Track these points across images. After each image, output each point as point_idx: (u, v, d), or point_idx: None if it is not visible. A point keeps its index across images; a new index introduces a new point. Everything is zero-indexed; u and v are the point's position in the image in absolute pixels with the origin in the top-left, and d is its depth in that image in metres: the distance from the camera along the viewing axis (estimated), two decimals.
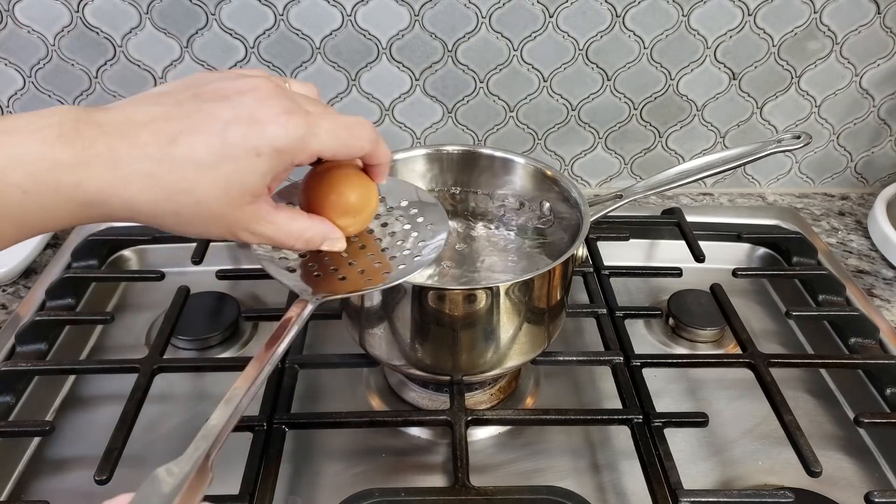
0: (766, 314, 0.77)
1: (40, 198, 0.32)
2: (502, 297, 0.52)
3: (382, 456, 0.59)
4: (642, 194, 0.62)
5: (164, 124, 0.34)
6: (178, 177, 0.34)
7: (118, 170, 0.33)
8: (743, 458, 0.60)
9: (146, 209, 0.34)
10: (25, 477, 0.58)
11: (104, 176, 0.33)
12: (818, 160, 0.92)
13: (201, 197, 0.35)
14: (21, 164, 0.32)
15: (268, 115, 0.35)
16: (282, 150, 0.36)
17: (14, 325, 0.66)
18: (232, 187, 0.35)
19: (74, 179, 0.33)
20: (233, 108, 0.35)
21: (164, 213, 0.35)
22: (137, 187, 0.34)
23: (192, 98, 0.36)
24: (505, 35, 0.80)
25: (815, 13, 0.80)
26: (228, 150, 0.35)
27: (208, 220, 0.36)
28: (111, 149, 0.33)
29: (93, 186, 0.33)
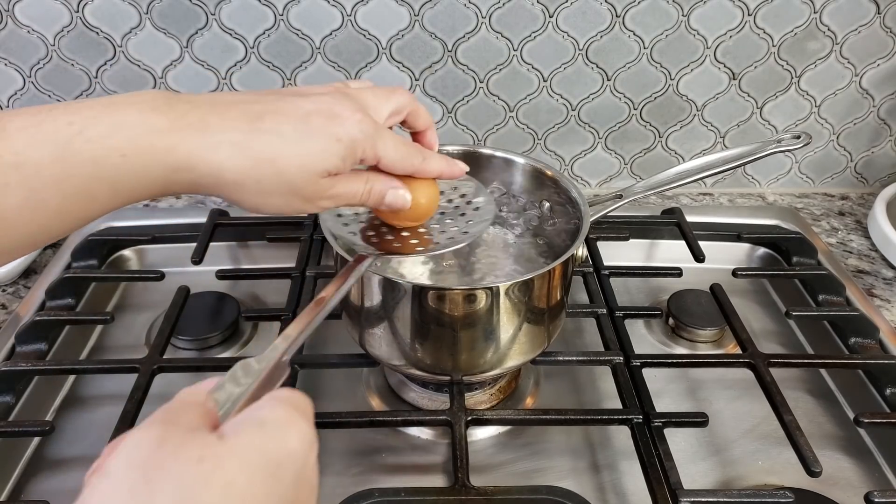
0: (766, 314, 0.77)
1: (136, 160, 0.35)
2: (502, 297, 0.52)
3: (382, 456, 0.59)
4: (642, 194, 0.62)
5: (251, 105, 0.38)
6: (264, 146, 0.37)
7: (208, 136, 0.36)
8: (743, 458, 0.60)
9: (231, 176, 0.36)
10: (25, 477, 0.58)
11: (194, 140, 0.35)
12: (818, 160, 0.92)
13: (283, 167, 0.37)
14: (120, 130, 0.34)
15: (345, 112, 0.39)
16: (356, 141, 0.39)
17: (14, 325, 0.66)
18: (313, 163, 0.38)
19: (168, 143, 0.35)
20: (313, 103, 0.39)
21: (246, 181, 0.37)
22: (225, 153, 0.36)
23: (273, 94, 0.40)
24: (505, 35, 0.80)
25: (815, 13, 0.80)
26: (311, 131, 0.38)
27: (287, 192, 0.38)
28: (202, 119, 0.36)
29: (183, 151, 0.35)
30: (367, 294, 0.54)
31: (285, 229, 0.78)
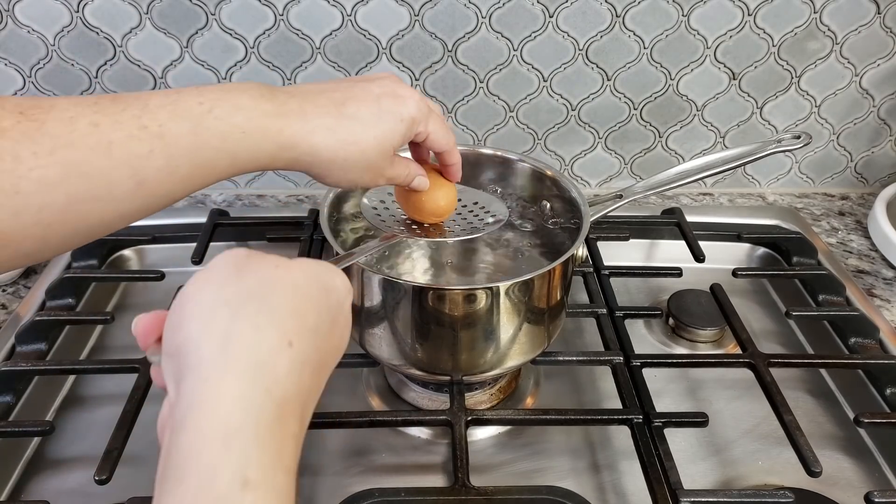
0: (766, 314, 0.77)
1: (253, 137, 0.41)
2: (502, 297, 0.52)
3: (382, 456, 0.59)
4: (642, 194, 0.62)
5: (334, 94, 0.45)
6: (349, 130, 0.44)
7: (307, 122, 0.43)
8: (743, 458, 0.60)
9: (324, 154, 0.43)
10: (25, 477, 0.58)
11: (297, 125, 0.42)
12: (818, 160, 0.92)
13: (364, 147, 0.45)
14: (240, 111, 0.40)
15: (405, 92, 0.47)
16: (415, 119, 0.46)
17: (14, 325, 0.66)
18: (384, 141, 0.45)
19: (277, 125, 0.41)
20: (380, 87, 0.46)
21: (336, 159, 0.44)
22: (321, 136, 0.43)
23: (346, 81, 0.47)
24: (505, 35, 0.80)
25: (815, 13, 0.80)
26: (382, 113, 0.45)
27: (364, 168, 0.46)
28: (301, 107, 0.43)
29: (289, 132, 0.42)
30: (367, 294, 0.54)
31: (285, 229, 0.78)
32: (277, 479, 0.29)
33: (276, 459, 0.30)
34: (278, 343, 0.32)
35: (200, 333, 0.32)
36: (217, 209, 0.80)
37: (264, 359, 0.31)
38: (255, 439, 0.29)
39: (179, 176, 0.40)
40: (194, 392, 0.30)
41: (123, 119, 0.37)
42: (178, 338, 0.32)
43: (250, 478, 0.28)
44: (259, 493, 0.28)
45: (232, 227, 0.79)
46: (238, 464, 0.28)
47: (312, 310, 0.35)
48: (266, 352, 0.32)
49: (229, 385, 0.30)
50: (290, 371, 0.32)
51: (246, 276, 0.34)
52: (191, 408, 0.30)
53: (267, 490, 0.28)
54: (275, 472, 0.29)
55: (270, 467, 0.29)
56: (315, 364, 0.35)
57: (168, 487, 0.28)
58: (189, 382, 0.30)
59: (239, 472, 0.28)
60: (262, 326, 0.32)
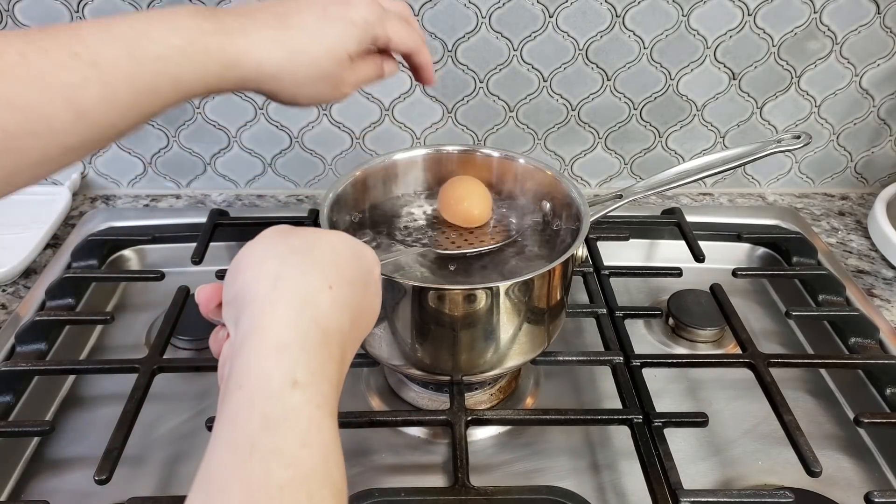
0: (766, 314, 0.77)
1: (194, 58, 0.40)
2: (502, 297, 0.52)
3: (382, 456, 0.59)
4: (642, 194, 0.62)
5: (278, 8, 0.44)
6: (294, 40, 0.43)
7: (249, 36, 0.42)
8: (743, 458, 0.60)
9: (270, 69, 0.43)
10: (25, 477, 0.58)
11: (240, 41, 0.42)
12: (818, 160, 0.92)
13: (313, 56, 0.44)
14: (179, 31, 0.40)
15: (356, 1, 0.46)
16: (369, 22, 0.46)
17: (14, 325, 0.66)
18: (335, 47, 0.45)
19: (219, 43, 0.41)
20: None
21: (283, 73, 0.44)
22: (265, 49, 0.42)
23: None
24: (505, 35, 0.80)
25: (815, 13, 0.80)
26: (329, 20, 0.45)
27: (319, 78, 0.45)
28: (240, 23, 0.42)
29: (232, 49, 0.41)
30: None
31: None
32: (322, 386, 0.33)
33: (321, 370, 0.34)
34: (320, 285, 0.37)
35: (255, 278, 0.36)
36: (217, 209, 0.80)
37: (309, 296, 0.36)
38: (302, 351, 0.33)
39: (120, 104, 0.39)
40: (251, 321, 0.34)
41: (53, 48, 0.36)
42: (235, 286, 0.37)
43: (299, 380, 0.32)
44: (306, 392, 0.32)
45: (232, 227, 0.79)
46: (288, 369, 0.32)
47: (348, 266, 0.39)
48: (310, 290, 0.36)
49: (280, 312, 0.34)
50: (332, 308, 0.36)
51: (291, 238, 0.39)
52: (248, 334, 0.34)
53: (313, 391, 0.33)
54: (320, 378, 0.33)
55: (316, 374, 0.33)
56: (352, 312, 0.38)
57: (229, 395, 0.32)
58: (246, 316, 0.35)
59: (289, 375, 0.32)
60: (306, 272, 0.37)
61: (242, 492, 0.29)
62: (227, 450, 0.30)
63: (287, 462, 0.30)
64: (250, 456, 0.30)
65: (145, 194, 0.90)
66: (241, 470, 0.29)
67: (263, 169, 0.89)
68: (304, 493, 0.29)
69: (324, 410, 0.33)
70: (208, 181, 0.90)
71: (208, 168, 0.89)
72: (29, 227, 0.79)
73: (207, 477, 0.30)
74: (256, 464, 0.29)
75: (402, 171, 0.65)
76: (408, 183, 0.66)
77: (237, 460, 0.30)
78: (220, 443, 0.31)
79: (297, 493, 0.29)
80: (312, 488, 0.30)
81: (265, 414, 0.31)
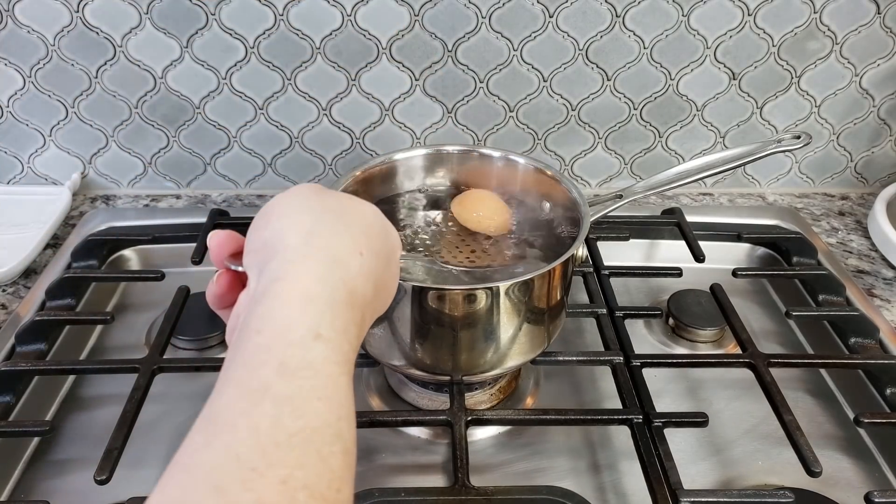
0: (766, 314, 0.77)
1: None
2: (502, 297, 0.52)
3: (382, 456, 0.59)
4: (642, 194, 0.62)
5: None
6: None
7: None
8: (743, 458, 0.60)
9: None
10: (25, 477, 0.58)
11: None
12: (818, 160, 0.92)
13: None
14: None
15: None
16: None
17: (14, 325, 0.66)
18: None
19: None
20: None
21: None
22: None
23: None
24: (505, 35, 0.80)
25: (815, 13, 0.80)
26: None
27: None
28: None
29: None
30: None
31: None
32: (343, 345, 0.33)
33: (344, 330, 0.33)
34: (352, 249, 0.37)
35: (288, 228, 0.36)
36: (217, 209, 0.80)
37: (340, 256, 0.36)
38: (329, 308, 0.33)
39: None
40: (279, 269, 0.34)
41: None
42: (265, 233, 0.37)
43: (322, 334, 0.32)
44: (328, 347, 0.32)
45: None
46: (312, 322, 0.32)
47: (377, 238, 0.40)
48: (342, 252, 0.36)
49: (310, 266, 0.34)
50: (360, 273, 0.36)
51: (325, 196, 0.39)
52: (274, 280, 0.33)
53: (335, 348, 0.32)
54: (342, 338, 0.33)
55: (340, 332, 0.33)
56: (375, 283, 0.38)
57: (245, 340, 0.31)
58: (274, 263, 0.34)
59: (313, 328, 0.32)
60: (339, 233, 0.37)
61: (249, 434, 0.27)
62: (238, 391, 0.29)
63: (300, 412, 0.28)
64: (262, 400, 0.28)
65: (145, 194, 0.90)
66: (251, 412, 0.28)
67: (263, 169, 0.89)
68: (313, 447, 0.28)
69: (343, 369, 0.32)
70: (208, 181, 0.90)
71: (208, 168, 0.89)
72: (29, 227, 0.79)
73: (213, 415, 0.29)
74: (268, 408, 0.28)
75: (403, 171, 0.65)
76: (408, 183, 0.66)
77: (247, 402, 0.28)
78: (231, 384, 0.30)
79: (305, 444, 0.28)
80: (322, 443, 0.28)
81: (283, 361, 0.30)
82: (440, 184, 0.66)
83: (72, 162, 0.87)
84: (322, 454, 0.28)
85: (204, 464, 0.27)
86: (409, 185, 0.66)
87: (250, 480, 0.26)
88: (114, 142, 0.86)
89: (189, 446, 0.28)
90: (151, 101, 0.83)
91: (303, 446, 0.28)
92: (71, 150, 0.87)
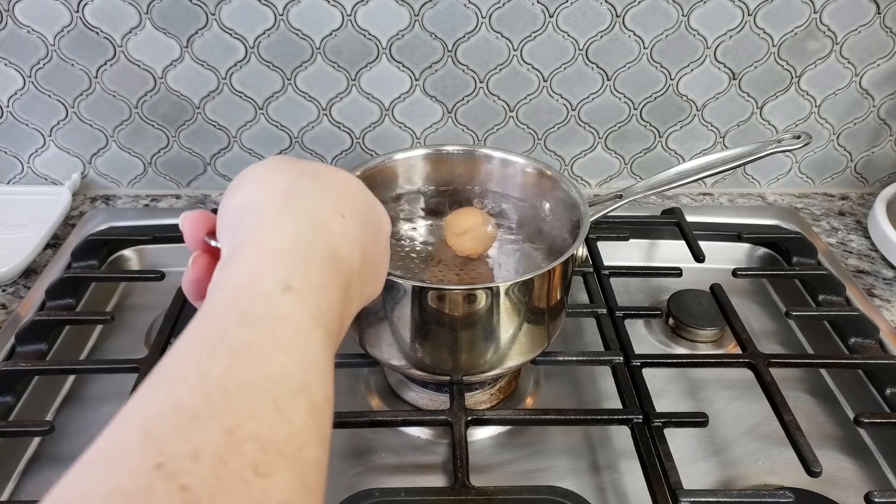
0: (766, 314, 0.77)
1: None
2: (502, 297, 0.52)
3: (382, 456, 0.59)
4: (642, 194, 0.62)
5: None
6: None
7: None
8: (743, 458, 0.60)
9: None
10: (25, 477, 0.58)
11: None
12: (818, 160, 0.92)
13: None
14: None
15: None
16: None
17: (14, 325, 0.66)
18: None
19: None
20: None
21: None
22: None
23: None
24: (505, 35, 0.80)
25: (815, 13, 0.80)
26: None
27: None
28: None
29: None
30: None
31: None
32: (320, 303, 0.29)
33: (322, 287, 0.30)
34: (333, 210, 0.34)
35: (261, 191, 0.33)
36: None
37: (319, 216, 0.33)
38: (303, 263, 0.30)
39: None
40: (251, 228, 0.31)
41: None
42: (236, 200, 0.34)
43: (293, 286, 0.29)
44: (300, 299, 0.29)
45: None
46: (283, 274, 0.29)
47: (360, 206, 0.37)
48: (320, 212, 0.33)
49: (286, 224, 0.31)
50: (344, 235, 0.33)
51: (300, 163, 0.36)
52: (245, 239, 0.31)
53: (307, 301, 0.29)
54: (319, 295, 0.30)
55: (316, 288, 0.30)
56: (363, 252, 0.35)
57: (210, 297, 0.29)
58: (247, 223, 0.32)
59: (282, 280, 0.29)
60: (317, 196, 0.34)
61: (196, 382, 0.24)
62: (193, 343, 0.26)
63: (258, 362, 0.25)
64: (216, 348, 0.26)
65: (145, 194, 0.90)
66: (202, 361, 0.25)
67: None
68: (269, 397, 0.25)
69: (317, 324, 0.29)
70: (208, 181, 0.90)
71: (208, 168, 0.89)
72: (29, 227, 0.79)
73: (163, 367, 0.26)
74: (221, 356, 0.25)
75: (403, 171, 0.65)
76: (408, 183, 0.66)
77: (200, 352, 0.26)
78: (188, 337, 0.27)
79: (261, 395, 0.24)
80: (282, 395, 0.25)
81: (245, 311, 0.27)
82: (440, 184, 0.66)
83: (72, 162, 0.87)
84: (281, 407, 0.25)
85: (142, 412, 0.24)
86: (408, 185, 0.66)
87: (189, 429, 0.23)
88: (114, 142, 0.86)
89: (132, 399, 0.25)
90: (151, 101, 0.83)
91: (257, 396, 0.24)
92: (71, 150, 0.87)
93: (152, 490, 0.21)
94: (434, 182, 0.66)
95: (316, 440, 0.26)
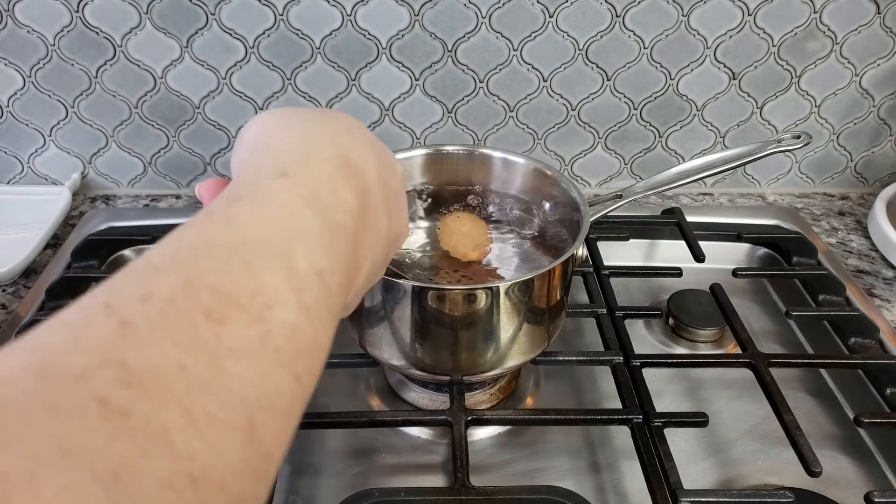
0: (766, 314, 0.77)
1: None
2: (502, 297, 0.52)
3: (382, 456, 0.59)
4: (642, 194, 0.62)
5: None
6: None
7: None
8: (743, 458, 0.60)
9: None
10: None
11: None
12: (818, 160, 0.92)
13: None
14: None
15: None
16: None
17: (14, 325, 0.66)
18: None
19: None
20: None
21: None
22: None
23: None
24: (505, 35, 0.80)
25: (815, 13, 0.80)
26: None
27: None
28: None
29: None
30: (367, 294, 0.54)
31: None
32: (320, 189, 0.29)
33: (326, 178, 0.30)
34: (340, 127, 0.33)
35: (274, 134, 0.33)
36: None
37: (327, 130, 0.33)
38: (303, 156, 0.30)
39: None
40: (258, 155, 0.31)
41: None
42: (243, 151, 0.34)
43: (288, 173, 0.29)
44: (293, 182, 0.29)
45: None
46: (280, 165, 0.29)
47: (369, 135, 0.36)
48: (329, 129, 0.33)
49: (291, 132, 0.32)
50: (353, 146, 0.33)
51: (299, 109, 0.36)
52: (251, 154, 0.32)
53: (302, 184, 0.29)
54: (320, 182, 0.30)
55: (316, 176, 0.30)
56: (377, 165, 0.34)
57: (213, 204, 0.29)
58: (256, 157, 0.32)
59: (280, 168, 0.29)
60: (323, 118, 0.34)
61: (168, 244, 0.25)
62: (181, 229, 0.27)
63: (234, 226, 0.26)
64: (197, 219, 0.26)
65: (145, 194, 0.90)
66: (182, 230, 0.26)
67: None
68: (238, 255, 0.25)
69: (310, 204, 0.28)
70: None
71: (208, 168, 0.89)
72: (29, 227, 0.79)
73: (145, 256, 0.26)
74: (198, 223, 0.26)
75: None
76: (407, 183, 0.66)
77: (184, 226, 0.26)
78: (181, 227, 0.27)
79: (230, 253, 0.25)
80: (253, 256, 0.25)
81: (233, 192, 0.28)
82: (440, 184, 0.66)
83: (72, 162, 0.87)
84: (250, 265, 0.25)
85: (110, 282, 0.24)
86: (408, 185, 0.66)
87: (148, 279, 0.23)
88: (114, 142, 0.86)
89: None
90: (151, 101, 0.83)
91: (226, 254, 0.25)
92: (71, 150, 0.87)
93: (93, 322, 0.21)
94: (434, 182, 0.66)
95: (292, 305, 0.25)
